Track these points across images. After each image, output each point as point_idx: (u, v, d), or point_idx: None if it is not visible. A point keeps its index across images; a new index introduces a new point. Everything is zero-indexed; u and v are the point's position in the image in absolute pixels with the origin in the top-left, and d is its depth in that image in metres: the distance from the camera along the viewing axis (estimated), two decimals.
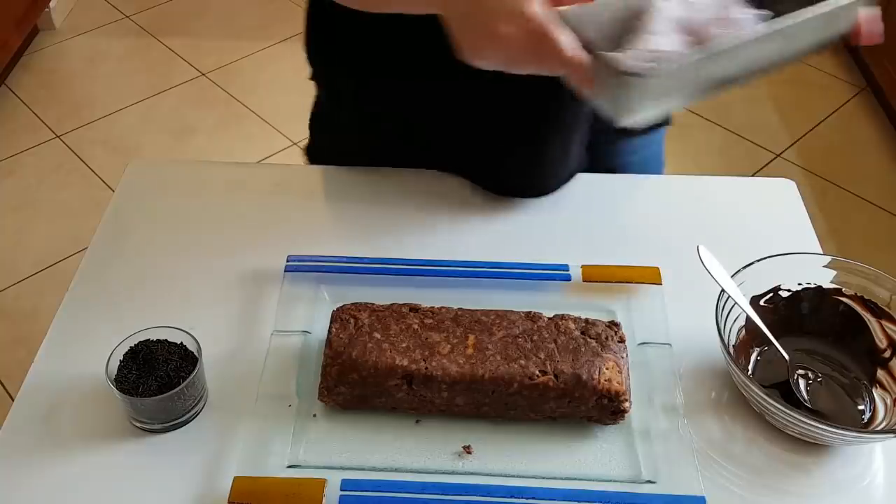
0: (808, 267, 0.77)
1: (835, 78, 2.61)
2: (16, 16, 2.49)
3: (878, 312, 0.74)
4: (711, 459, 0.68)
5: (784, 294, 0.77)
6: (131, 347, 0.70)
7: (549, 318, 0.72)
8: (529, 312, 0.72)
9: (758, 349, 0.76)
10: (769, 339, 0.72)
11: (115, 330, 0.72)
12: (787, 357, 0.72)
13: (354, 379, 0.68)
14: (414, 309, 0.73)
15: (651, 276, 0.80)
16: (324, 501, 0.62)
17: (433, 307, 0.73)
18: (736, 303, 0.72)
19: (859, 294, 0.75)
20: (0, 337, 1.85)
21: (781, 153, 2.34)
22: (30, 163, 2.31)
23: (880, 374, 0.73)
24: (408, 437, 0.69)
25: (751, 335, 0.75)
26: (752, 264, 0.75)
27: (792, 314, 0.77)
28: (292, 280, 0.79)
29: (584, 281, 0.80)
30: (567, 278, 0.80)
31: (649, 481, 0.65)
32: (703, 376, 0.75)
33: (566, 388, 0.67)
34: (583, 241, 0.88)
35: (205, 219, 0.90)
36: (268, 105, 2.51)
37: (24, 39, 2.63)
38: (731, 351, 0.71)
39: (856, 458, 0.69)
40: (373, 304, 0.73)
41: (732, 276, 0.74)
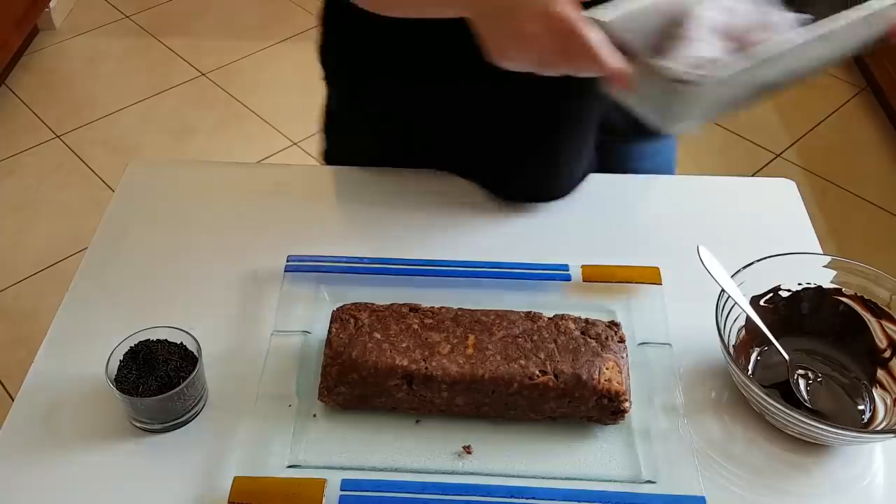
0: (808, 267, 0.77)
1: (835, 78, 2.61)
2: (16, 16, 2.49)
3: (878, 312, 0.74)
4: (711, 459, 0.68)
5: (784, 294, 0.77)
6: (131, 347, 0.70)
7: (549, 318, 0.72)
8: (529, 312, 0.72)
9: (758, 349, 0.76)
10: (769, 339, 0.72)
11: (115, 330, 0.72)
12: (787, 357, 0.72)
13: (354, 379, 0.68)
14: (414, 309, 0.73)
15: (651, 276, 0.80)
16: (324, 501, 0.62)
17: (433, 307, 0.73)
18: (736, 303, 0.72)
19: (859, 294, 0.75)
20: (0, 337, 1.85)
21: (781, 153, 2.34)
22: (30, 163, 2.31)
23: (880, 374, 0.73)
24: (408, 437, 0.69)
25: (751, 335, 0.75)
26: (752, 264, 0.75)
27: (792, 314, 0.77)
28: (292, 280, 0.79)
29: (584, 281, 0.80)
30: (567, 278, 0.80)
31: (649, 481, 0.65)
32: (703, 376, 0.75)
33: (566, 388, 0.67)
34: (583, 241, 0.87)
35: (205, 219, 0.90)
36: (268, 105, 2.51)
37: (24, 39, 2.63)
38: (731, 351, 0.71)
39: (856, 458, 0.69)
40: (373, 304, 0.73)
41: (732, 276, 0.74)
